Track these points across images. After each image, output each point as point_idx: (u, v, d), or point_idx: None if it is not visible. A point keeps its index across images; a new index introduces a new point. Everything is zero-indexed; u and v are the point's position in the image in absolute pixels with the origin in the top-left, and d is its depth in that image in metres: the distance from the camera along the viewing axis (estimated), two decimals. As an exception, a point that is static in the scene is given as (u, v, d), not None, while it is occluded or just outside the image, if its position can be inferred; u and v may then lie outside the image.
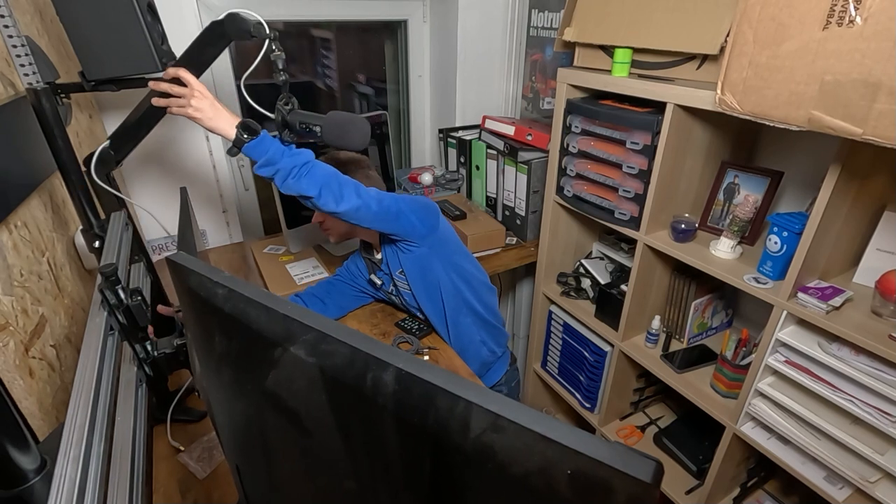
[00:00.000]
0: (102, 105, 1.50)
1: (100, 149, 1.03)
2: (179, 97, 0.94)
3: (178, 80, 0.95)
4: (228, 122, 0.94)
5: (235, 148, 0.95)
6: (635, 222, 1.37)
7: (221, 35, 0.95)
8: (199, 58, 0.97)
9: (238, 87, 0.97)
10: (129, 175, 1.61)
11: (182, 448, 1.01)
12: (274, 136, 0.99)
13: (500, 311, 1.42)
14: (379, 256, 1.33)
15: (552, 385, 1.95)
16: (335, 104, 2.04)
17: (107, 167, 1.05)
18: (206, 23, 1.58)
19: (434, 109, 2.22)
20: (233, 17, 0.93)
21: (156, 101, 0.97)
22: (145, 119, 1.04)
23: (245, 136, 0.93)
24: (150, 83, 0.97)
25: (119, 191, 1.10)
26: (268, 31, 0.92)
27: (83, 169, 1.03)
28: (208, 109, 0.93)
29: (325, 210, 1.00)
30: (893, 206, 1.04)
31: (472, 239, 1.72)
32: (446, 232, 1.24)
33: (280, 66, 0.96)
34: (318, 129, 0.97)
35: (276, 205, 1.59)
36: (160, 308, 1.06)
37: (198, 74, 0.96)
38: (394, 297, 1.39)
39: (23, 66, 0.89)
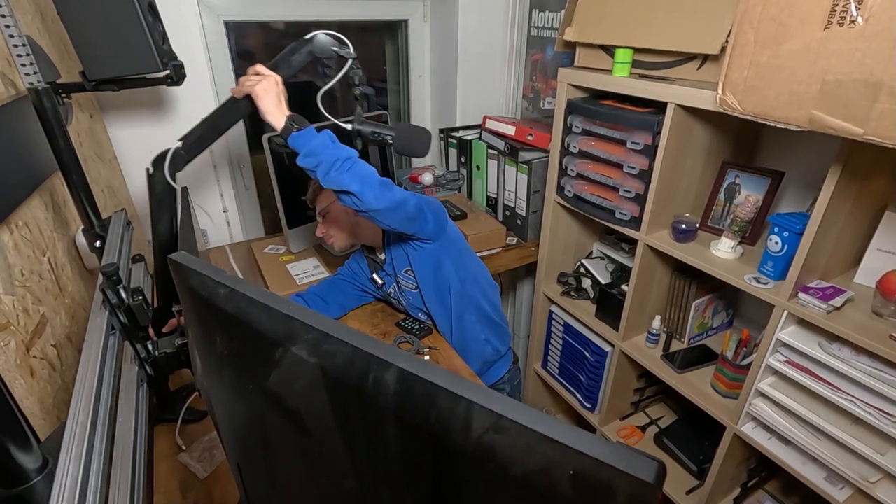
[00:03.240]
0: (103, 105, 1.50)
1: (172, 149, 1.06)
2: (255, 82, 0.98)
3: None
4: (282, 112, 0.98)
5: (281, 138, 1.00)
6: (636, 222, 1.37)
7: (309, 52, 1.03)
8: (285, 66, 1.04)
9: (315, 99, 1.07)
10: (129, 175, 1.61)
11: (184, 448, 1.01)
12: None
13: (502, 310, 1.42)
14: (382, 256, 1.33)
15: (552, 385, 1.95)
16: (335, 104, 2.03)
17: (176, 168, 1.08)
18: (207, 23, 1.60)
19: (434, 109, 2.22)
20: (319, 39, 1.03)
21: (233, 89, 1.02)
22: (219, 122, 1.08)
23: (294, 126, 0.98)
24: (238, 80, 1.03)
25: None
26: (351, 52, 1.02)
27: (148, 170, 1.07)
28: (273, 95, 0.98)
29: (363, 207, 1.01)
30: (894, 206, 1.04)
31: (472, 239, 1.72)
32: (454, 230, 1.26)
33: (357, 82, 1.05)
34: (389, 138, 1.06)
35: (277, 204, 1.59)
36: (169, 324, 1.08)
37: (284, 78, 1.02)
38: (393, 299, 1.39)
39: (24, 65, 0.89)
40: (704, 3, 1.11)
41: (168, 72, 1.05)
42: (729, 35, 0.99)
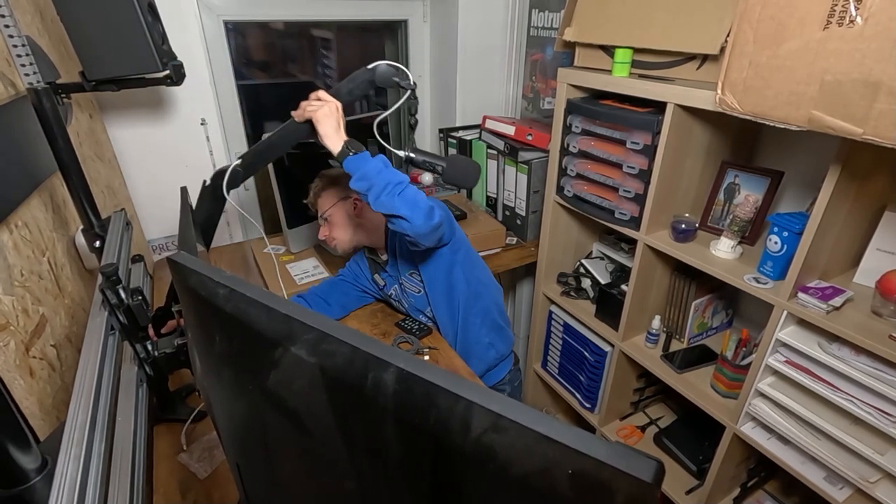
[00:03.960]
0: (103, 105, 1.50)
1: (231, 167, 1.11)
2: (317, 108, 1.01)
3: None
4: (340, 137, 1.01)
5: (338, 161, 1.02)
6: (635, 222, 1.37)
7: (370, 81, 1.07)
8: (346, 93, 1.07)
9: (372, 129, 1.14)
10: (128, 175, 1.61)
11: (185, 447, 1.01)
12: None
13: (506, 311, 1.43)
14: (384, 258, 1.33)
15: (552, 385, 1.95)
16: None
17: (232, 184, 1.13)
18: (206, 23, 1.60)
19: (434, 109, 2.22)
20: (381, 69, 1.06)
21: (294, 113, 1.04)
22: (278, 142, 1.10)
23: (350, 150, 1.00)
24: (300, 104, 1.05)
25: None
26: (411, 82, 1.04)
27: (206, 183, 1.12)
28: (333, 121, 1.01)
29: (410, 231, 1.03)
30: (894, 206, 1.04)
31: (472, 239, 1.70)
32: (461, 233, 1.27)
33: (413, 112, 1.11)
34: (440, 168, 1.10)
35: (277, 204, 1.59)
36: (168, 325, 1.09)
37: (343, 105, 1.05)
38: (394, 300, 1.39)
39: (23, 65, 0.89)
40: (704, 3, 1.11)
41: (167, 72, 1.05)
42: (728, 35, 0.99)
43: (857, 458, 1.03)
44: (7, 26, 0.85)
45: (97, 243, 1.04)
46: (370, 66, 1.05)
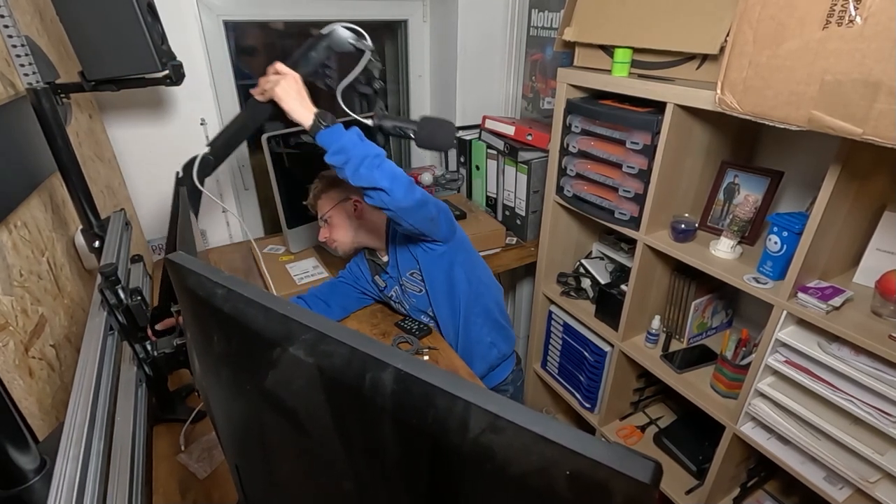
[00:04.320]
0: (102, 105, 1.50)
1: (201, 155, 1.07)
2: (274, 84, 0.99)
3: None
4: (308, 109, 0.99)
5: (310, 135, 1.00)
6: (635, 222, 1.37)
7: (327, 47, 1.03)
8: (304, 63, 1.03)
9: (335, 93, 1.08)
10: (128, 175, 1.61)
11: (184, 448, 1.01)
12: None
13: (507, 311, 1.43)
14: (385, 259, 1.33)
15: (552, 385, 1.95)
16: (335, 104, 2.04)
17: (205, 173, 1.09)
18: (206, 23, 1.60)
19: (434, 109, 2.22)
20: (336, 32, 1.02)
21: (254, 91, 1.02)
22: (244, 125, 1.08)
23: (322, 123, 0.98)
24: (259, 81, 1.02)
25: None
26: (369, 44, 1.01)
27: (178, 174, 1.08)
28: (293, 92, 0.98)
29: (391, 205, 1.01)
30: (893, 206, 1.04)
31: (472, 239, 1.70)
32: (461, 232, 1.27)
33: (376, 75, 1.04)
34: (411, 132, 1.05)
35: (277, 204, 1.59)
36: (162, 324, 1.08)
37: (303, 76, 1.01)
38: (394, 302, 1.39)
39: (23, 66, 0.89)
40: (704, 3, 1.11)
41: (167, 72, 1.05)
42: (728, 35, 0.99)
43: (857, 458, 1.03)
44: (6, 26, 0.85)
45: (96, 243, 1.04)
46: (324, 31, 1.02)
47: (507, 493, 0.33)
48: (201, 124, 1.65)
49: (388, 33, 2.11)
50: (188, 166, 1.08)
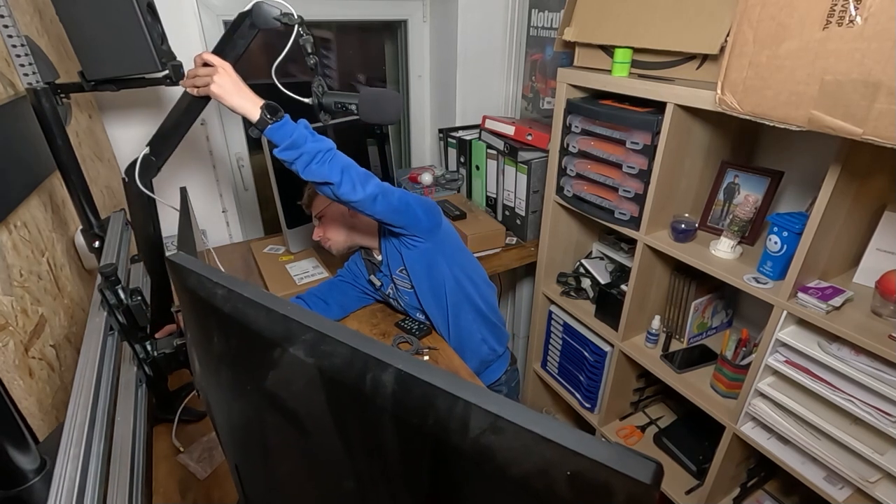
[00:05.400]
0: (102, 105, 1.50)
1: (141, 156, 1.02)
2: (206, 77, 0.95)
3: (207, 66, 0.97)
4: (252, 102, 0.95)
5: (257, 129, 0.96)
6: (635, 222, 1.37)
7: (251, 25, 0.97)
8: (231, 48, 0.99)
9: (271, 74, 1.00)
10: (128, 175, 1.61)
11: (182, 448, 1.01)
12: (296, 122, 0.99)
13: (500, 311, 1.42)
14: (379, 258, 1.33)
15: (552, 385, 1.95)
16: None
17: (149, 174, 1.05)
18: (206, 23, 1.59)
19: (434, 109, 2.22)
20: (259, 7, 0.95)
21: (183, 83, 0.98)
22: (182, 119, 1.05)
23: (269, 117, 0.94)
24: (187, 75, 0.98)
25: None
26: (296, 17, 0.94)
27: (123, 178, 1.03)
28: (230, 86, 0.94)
29: (343, 198, 1.00)
30: (893, 205, 1.04)
31: (472, 239, 1.72)
32: (448, 229, 1.26)
33: (309, 50, 0.97)
34: (353, 106, 1.00)
35: (276, 204, 1.59)
36: (163, 330, 1.07)
37: (233, 63, 0.97)
38: (391, 300, 1.39)
39: (22, 66, 0.88)
40: (704, 3, 1.11)
41: (167, 72, 1.05)
42: (728, 35, 0.99)
43: (857, 458, 1.03)
44: (6, 26, 0.84)
45: (96, 243, 1.04)
46: (245, 9, 0.96)
47: (507, 494, 0.33)
48: (201, 124, 1.65)
49: (388, 33, 2.11)
50: (129, 169, 1.04)
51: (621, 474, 0.27)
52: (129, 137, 1.56)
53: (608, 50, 1.35)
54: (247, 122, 0.96)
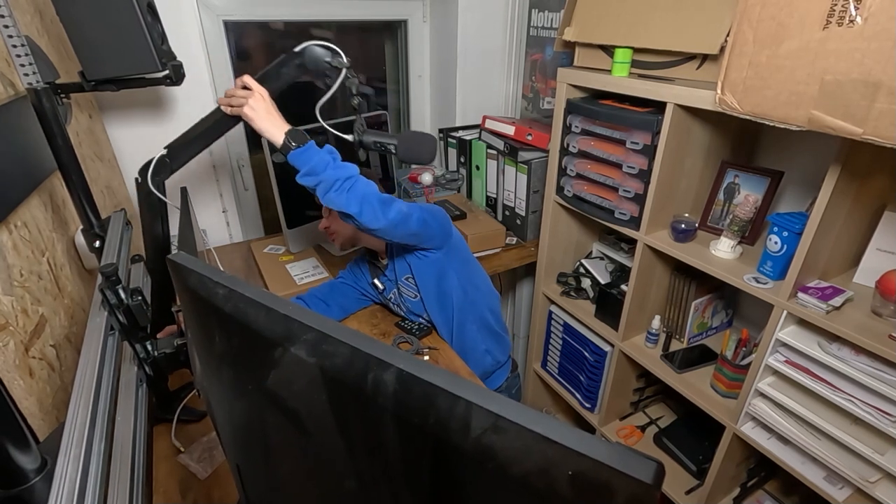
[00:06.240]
0: (102, 105, 1.50)
1: (156, 158, 1.05)
2: (242, 98, 0.97)
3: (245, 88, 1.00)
4: (278, 128, 0.97)
5: (281, 154, 0.98)
6: (635, 222, 1.37)
7: (299, 64, 1.01)
8: (273, 79, 1.02)
9: (314, 107, 1.04)
10: (128, 175, 1.61)
11: (183, 448, 1.01)
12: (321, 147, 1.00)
13: (503, 318, 1.42)
14: (384, 262, 1.33)
15: (552, 385, 1.95)
16: (335, 104, 2.04)
17: (161, 176, 1.07)
18: (206, 23, 1.60)
19: (434, 109, 2.22)
20: (311, 50, 1.00)
21: (220, 100, 1.01)
22: (208, 133, 1.07)
23: (292, 143, 0.96)
24: (224, 94, 1.01)
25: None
26: (345, 61, 0.98)
27: (137, 179, 1.05)
28: (262, 111, 0.97)
29: (363, 227, 1.00)
30: (894, 205, 1.04)
31: (472, 239, 1.72)
32: (458, 239, 1.26)
33: (354, 91, 1.01)
34: (392, 147, 1.04)
35: (277, 204, 1.59)
36: (164, 331, 1.07)
37: (272, 92, 1.00)
38: (393, 304, 1.39)
39: (23, 65, 0.88)
40: (704, 3, 1.11)
41: (167, 72, 1.05)
42: (728, 35, 0.99)
43: (857, 458, 1.03)
44: (6, 26, 0.84)
45: (97, 243, 1.04)
46: (298, 49, 1.00)
47: (509, 494, 0.33)
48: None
49: (388, 33, 2.11)
50: (144, 169, 1.05)
51: (623, 474, 0.27)
52: (129, 137, 1.56)
53: (608, 50, 1.35)
54: (272, 147, 0.99)
